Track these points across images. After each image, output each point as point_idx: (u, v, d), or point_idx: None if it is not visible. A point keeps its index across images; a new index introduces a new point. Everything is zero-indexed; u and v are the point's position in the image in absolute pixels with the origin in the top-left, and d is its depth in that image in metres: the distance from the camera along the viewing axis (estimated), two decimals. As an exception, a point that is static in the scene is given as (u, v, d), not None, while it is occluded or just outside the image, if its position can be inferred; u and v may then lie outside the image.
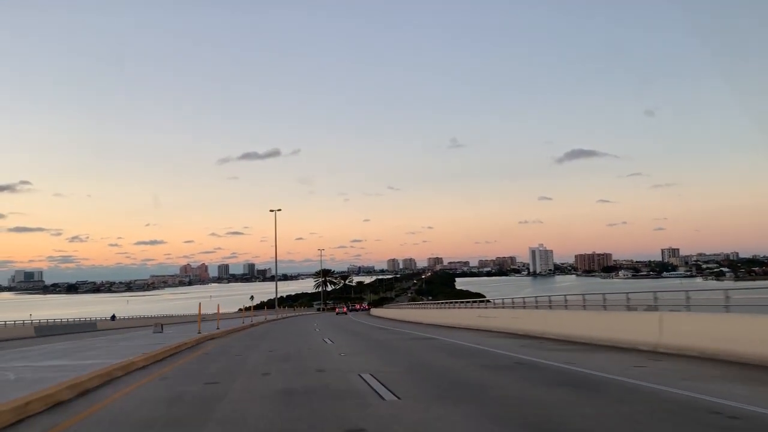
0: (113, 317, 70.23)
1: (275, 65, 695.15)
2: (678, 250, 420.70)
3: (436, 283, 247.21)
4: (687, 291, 15.04)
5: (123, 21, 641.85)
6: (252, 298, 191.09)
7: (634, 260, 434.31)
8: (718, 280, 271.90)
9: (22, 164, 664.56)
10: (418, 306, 62.31)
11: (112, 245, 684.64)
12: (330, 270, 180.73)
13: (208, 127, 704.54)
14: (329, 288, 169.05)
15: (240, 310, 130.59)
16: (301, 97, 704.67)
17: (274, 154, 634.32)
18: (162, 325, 31.03)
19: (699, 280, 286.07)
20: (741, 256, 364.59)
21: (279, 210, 59.92)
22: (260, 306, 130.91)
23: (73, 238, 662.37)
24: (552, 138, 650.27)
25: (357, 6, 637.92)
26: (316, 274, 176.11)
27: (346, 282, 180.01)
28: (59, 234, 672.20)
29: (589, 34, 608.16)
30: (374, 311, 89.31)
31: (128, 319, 72.97)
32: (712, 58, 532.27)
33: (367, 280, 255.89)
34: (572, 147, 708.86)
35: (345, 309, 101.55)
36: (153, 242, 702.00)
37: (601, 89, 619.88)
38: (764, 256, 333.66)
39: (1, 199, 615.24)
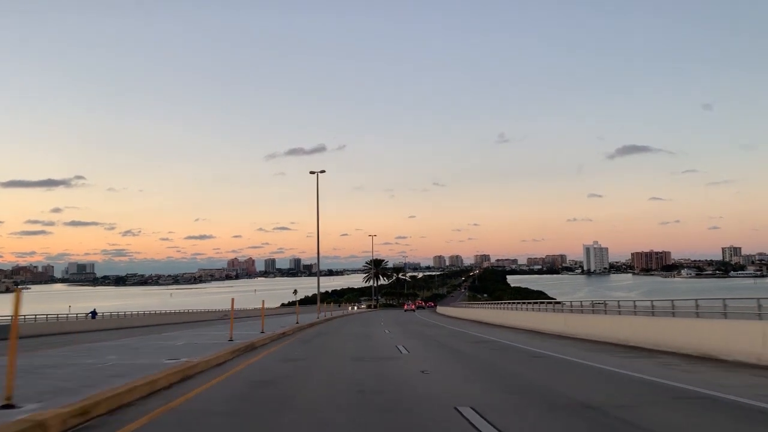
0: (93, 314, 52.44)
1: (322, 62, 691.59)
2: (740, 248, 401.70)
3: (489, 280, 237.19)
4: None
5: (168, 20, 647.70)
6: (295, 292, 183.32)
7: (691, 259, 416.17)
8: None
9: (77, 159, 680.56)
10: (488, 306, 55.03)
11: (163, 239, 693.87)
12: (382, 260, 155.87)
13: (256, 123, 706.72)
14: (380, 281, 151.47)
15: (282, 305, 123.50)
16: (347, 93, 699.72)
17: (320, 149, 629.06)
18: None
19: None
20: None
21: (322, 171, 49.20)
22: (304, 301, 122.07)
23: (126, 233, 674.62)
24: (603, 133, 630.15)
25: (405, 4, 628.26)
26: (366, 265, 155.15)
27: (399, 276, 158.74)
28: (113, 228, 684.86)
29: (642, 27, 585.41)
30: (440, 309, 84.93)
31: (140, 315, 58.91)
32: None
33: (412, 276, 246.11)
34: (624, 143, 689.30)
35: (413, 306, 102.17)
36: (202, 237, 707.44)
37: (656, 82, 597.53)
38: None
39: (57, 194, 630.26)
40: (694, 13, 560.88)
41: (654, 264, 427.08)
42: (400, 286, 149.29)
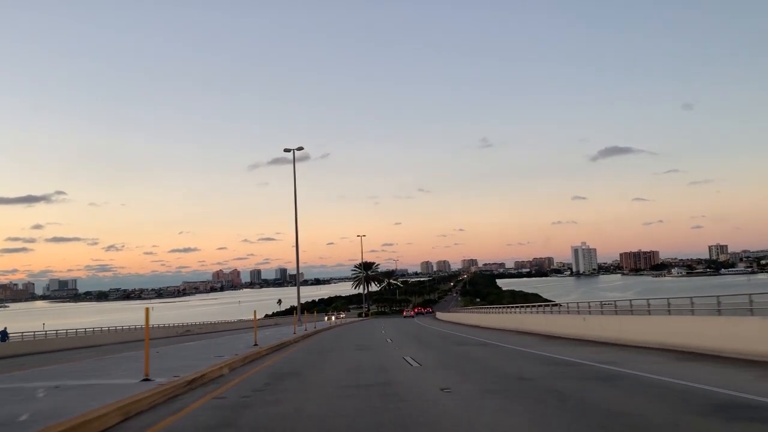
0: (3, 336, 41.48)
1: (303, 70, 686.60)
2: (726, 246, 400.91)
3: (480, 284, 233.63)
4: None
5: (151, 30, 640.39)
6: (279, 302, 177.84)
7: (679, 258, 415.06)
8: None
9: (57, 175, 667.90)
10: (493, 310, 49.70)
11: (147, 253, 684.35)
12: (372, 263, 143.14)
13: (238, 134, 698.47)
14: (370, 288, 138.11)
15: (266, 316, 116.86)
16: (330, 102, 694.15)
17: (304, 158, 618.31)
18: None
19: (764, 276, 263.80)
20: None
21: (299, 149, 42.75)
22: (289, 311, 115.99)
23: (109, 247, 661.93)
24: (586, 135, 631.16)
25: (385, 10, 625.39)
26: (355, 270, 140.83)
27: (390, 281, 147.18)
28: (95, 243, 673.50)
29: (622, 29, 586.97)
30: (440, 315, 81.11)
31: (78, 335, 47.39)
32: (751, 50, 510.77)
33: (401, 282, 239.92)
34: (606, 144, 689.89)
35: (413, 312, 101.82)
36: (186, 250, 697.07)
37: (637, 83, 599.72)
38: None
39: (37, 210, 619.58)
40: (673, 14, 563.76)
41: (643, 264, 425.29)
42: (391, 292, 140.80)
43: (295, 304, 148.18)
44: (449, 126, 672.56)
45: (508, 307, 44.47)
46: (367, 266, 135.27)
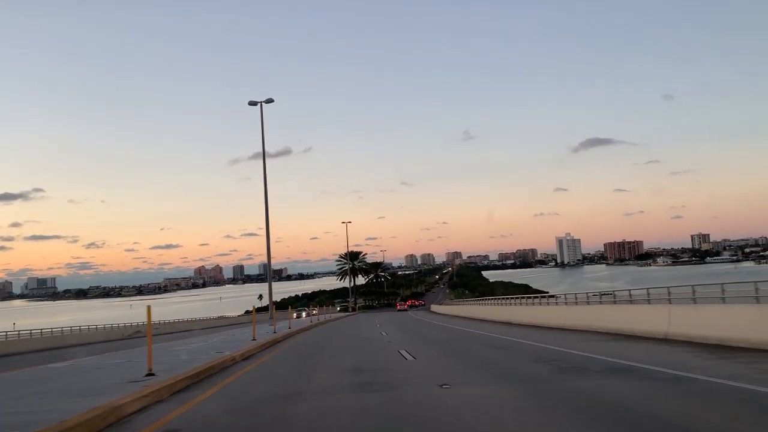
0: None
1: (283, 63, 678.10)
2: (708, 235, 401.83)
3: (468, 276, 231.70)
4: None
5: (130, 26, 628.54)
6: (260, 297, 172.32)
7: (662, 247, 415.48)
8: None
9: (33, 172, 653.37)
10: (493, 302, 45.68)
11: (128, 250, 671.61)
12: (359, 253, 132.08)
13: (218, 128, 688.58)
14: (357, 281, 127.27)
15: (247, 312, 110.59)
16: (311, 95, 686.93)
17: (286, 153, 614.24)
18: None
19: (749, 264, 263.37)
20: None
21: (269, 100, 36.71)
22: (277, 307, 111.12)
23: (90, 245, 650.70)
24: (567, 127, 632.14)
25: (365, 5, 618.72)
26: (341, 260, 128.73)
27: (378, 272, 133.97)
28: (75, 241, 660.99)
29: (603, 19, 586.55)
30: (435, 308, 77.72)
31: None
32: (731, 41, 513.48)
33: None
34: (588, 136, 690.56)
35: (406, 305, 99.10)
36: (168, 246, 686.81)
37: (617, 74, 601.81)
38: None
39: (15, 208, 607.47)
40: (653, 5, 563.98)
41: (627, 254, 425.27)
42: (378, 285, 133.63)
43: (276, 300, 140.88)
44: (431, 119, 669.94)
45: (508, 299, 40.28)
46: (353, 256, 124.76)
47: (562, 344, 15.10)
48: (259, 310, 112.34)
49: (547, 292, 61.36)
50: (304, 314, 66.45)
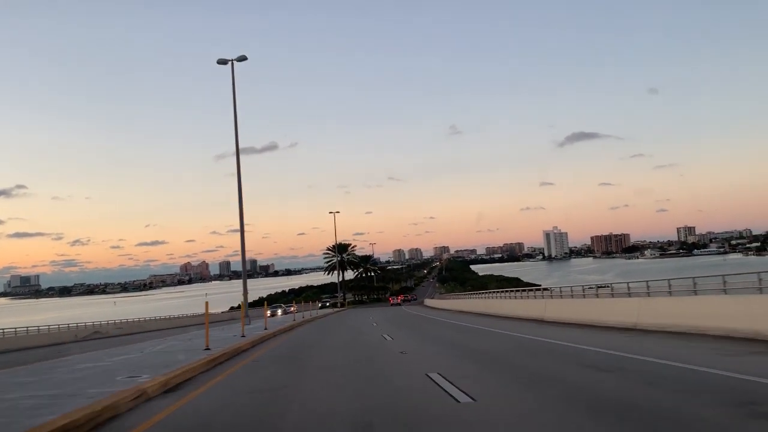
0: None
1: (268, 57, 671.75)
2: (694, 228, 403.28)
3: (457, 270, 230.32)
4: None
5: (113, 21, 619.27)
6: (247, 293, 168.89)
7: (648, 240, 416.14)
8: (759, 255, 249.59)
9: (17, 168, 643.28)
10: (489, 296, 44.21)
11: (113, 247, 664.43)
12: (348, 245, 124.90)
13: (203, 123, 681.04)
14: (345, 275, 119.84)
15: (232, 308, 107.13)
16: (297, 90, 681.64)
17: (272, 147, 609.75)
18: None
19: (737, 256, 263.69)
20: (754, 233, 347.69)
21: (241, 58, 32.72)
22: (259, 303, 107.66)
23: (75, 242, 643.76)
24: (553, 122, 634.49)
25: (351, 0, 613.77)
26: (328, 252, 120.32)
27: (368, 266, 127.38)
28: (60, 238, 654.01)
29: (588, 14, 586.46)
30: (430, 302, 74.88)
31: None
32: (716, 35, 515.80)
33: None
34: (574, 130, 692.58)
35: (399, 299, 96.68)
36: (154, 243, 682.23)
37: (603, 68, 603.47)
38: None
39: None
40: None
41: (614, 247, 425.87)
42: (368, 280, 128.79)
43: (263, 296, 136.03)
44: (418, 113, 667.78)
45: (508, 292, 37.78)
46: (341, 248, 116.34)
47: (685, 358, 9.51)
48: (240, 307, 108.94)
49: (539, 285, 59.63)
50: (279, 312, 56.85)
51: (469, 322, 26.19)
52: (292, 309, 60.12)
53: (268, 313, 48.41)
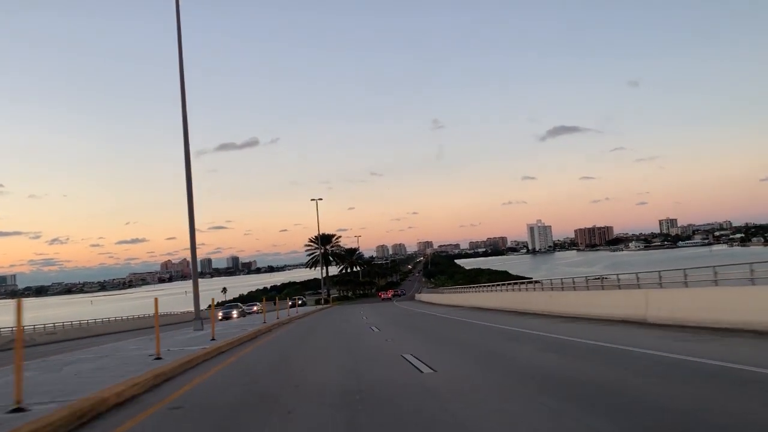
0: None
1: (249, 53, 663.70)
2: (676, 220, 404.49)
3: (442, 264, 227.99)
4: None
5: (90, 18, 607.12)
6: (224, 290, 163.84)
7: (631, 233, 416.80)
8: (743, 246, 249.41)
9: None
10: (486, 289, 40.53)
11: (93, 246, 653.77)
12: (332, 236, 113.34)
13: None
14: (330, 269, 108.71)
15: (209, 307, 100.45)
16: (279, 85, 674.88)
17: (253, 143, 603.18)
18: None
19: (722, 247, 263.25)
20: (734, 224, 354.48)
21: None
22: (238, 300, 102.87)
23: (53, 241, 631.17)
24: (534, 116, 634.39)
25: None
26: (311, 243, 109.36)
27: (354, 259, 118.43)
28: (38, 237, 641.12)
29: (567, 7, 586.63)
30: (420, 297, 72.25)
31: None
32: (695, 27, 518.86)
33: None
34: (555, 124, 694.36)
35: (389, 294, 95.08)
36: (135, 241, 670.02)
37: (583, 61, 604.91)
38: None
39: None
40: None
41: (598, 239, 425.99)
42: (354, 275, 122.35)
43: (244, 293, 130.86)
44: (400, 108, 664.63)
45: (508, 284, 33.85)
46: (325, 240, 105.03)
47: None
48: (219, 304, 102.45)
49: (531, 278, 57.34)
50: (235, 314, 44.07)
51: (478, 319, 21.81)
52: (255, 309, 50.51)
53: (219, 315, 40.74)
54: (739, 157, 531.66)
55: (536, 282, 31.78)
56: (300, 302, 63.67)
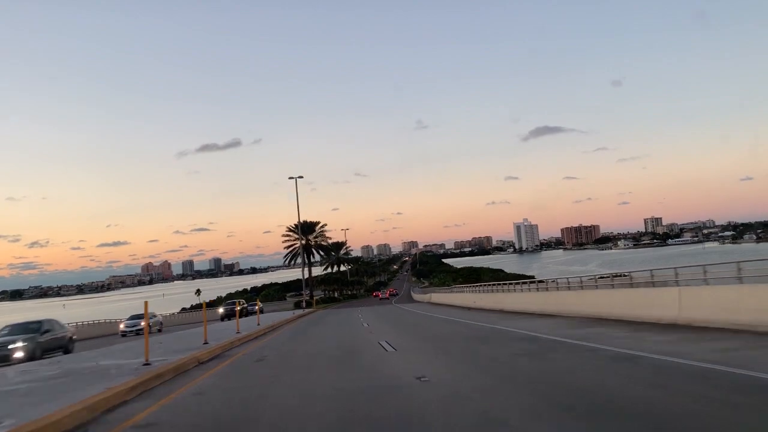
0: None
1: (233, 54, 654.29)
2: (661, 219, 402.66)
3: (431, 263, 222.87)
4: None
5: (77, 24, 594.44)
6: (198, 292, 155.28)
7: (617, 232, 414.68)
8: (735, 243, 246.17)
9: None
10: (498, 288, 35.90)
11: (74, 249, 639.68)
12: (315, 223, 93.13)
13: (163, 120, 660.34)
14: (313, 267, 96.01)
15: (183, 309, 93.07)
16: (261, 85, 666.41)
17: (235, 144, 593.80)
18: None
19: (713, 244, 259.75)
20: (717, 223, 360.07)
21: None
22: (217, 302, 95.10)
23: (33, 244, 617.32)
24: (517, 116, 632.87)
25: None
26: (289, 232, 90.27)
27: (341, 255, 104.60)
28: (17, 240, 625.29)
29: (550, 8, 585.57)
30: (419, 297, 69.27)
31: None
32: (678, 27, 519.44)
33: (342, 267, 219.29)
34: (537, 124, 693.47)
35: (387, 293, 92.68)
36: (116, 243, 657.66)
37: (566, 62, 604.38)
38: (758, 222, 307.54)
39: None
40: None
41: (584, 238, 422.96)
42: (341, 273, 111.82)
43: (221, 295, 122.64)
44: (384, 108, 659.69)
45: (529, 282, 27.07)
46: (307, 229, 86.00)
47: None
48: (195, 307, 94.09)
49: (533, 277, 53.92)
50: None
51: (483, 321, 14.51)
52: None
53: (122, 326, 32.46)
54: (720, 158, 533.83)
55: (550, 281, 28.83)
56: (303, 303, 54.44)
